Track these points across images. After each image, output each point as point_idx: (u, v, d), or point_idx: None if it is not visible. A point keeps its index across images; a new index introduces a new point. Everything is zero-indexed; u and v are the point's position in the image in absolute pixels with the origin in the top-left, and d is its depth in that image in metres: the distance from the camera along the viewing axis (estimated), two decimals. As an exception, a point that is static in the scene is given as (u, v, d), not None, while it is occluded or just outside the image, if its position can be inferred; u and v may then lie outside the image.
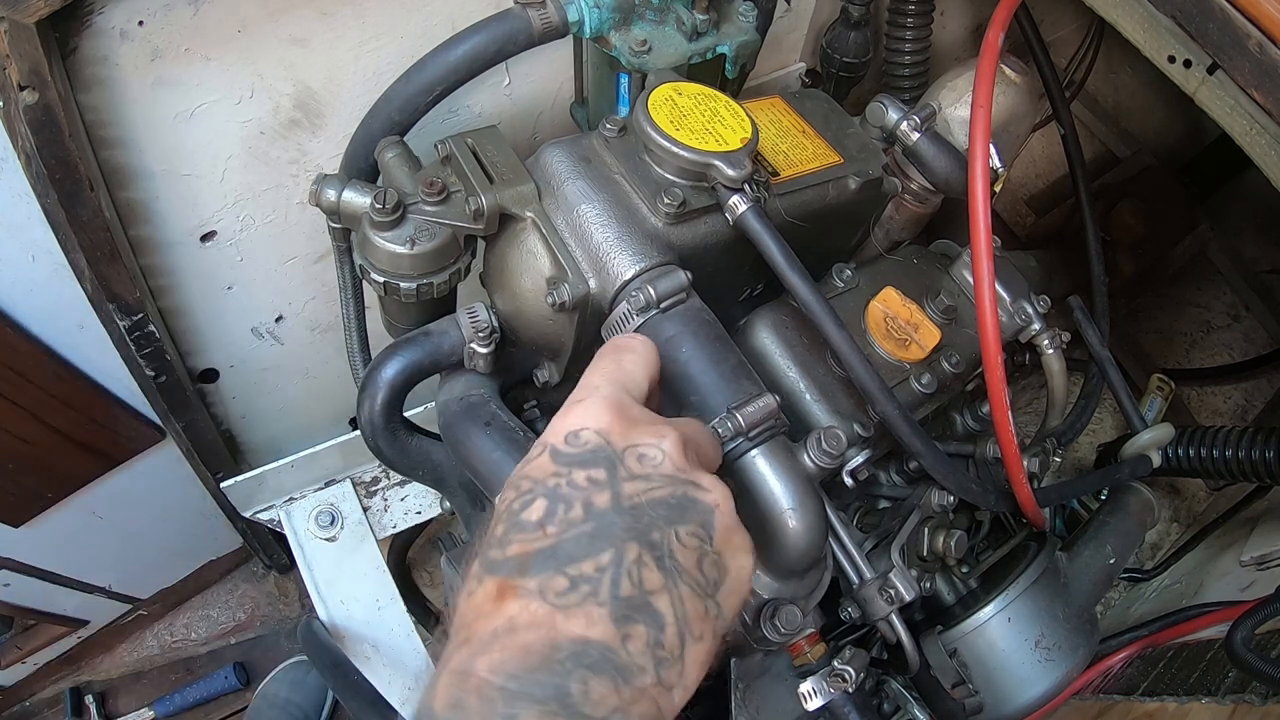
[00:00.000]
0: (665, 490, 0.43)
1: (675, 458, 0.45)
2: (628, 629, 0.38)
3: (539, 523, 0.40)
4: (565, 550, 0.39)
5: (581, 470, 0.42)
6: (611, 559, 0.39)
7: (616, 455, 0.43)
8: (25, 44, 0.72)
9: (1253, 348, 2.09)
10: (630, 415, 0.46)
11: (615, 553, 0.39)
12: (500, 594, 0.38)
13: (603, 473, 0.42)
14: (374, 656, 1.19)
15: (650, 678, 0.38)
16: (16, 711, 1.80)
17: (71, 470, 1.30)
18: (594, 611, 0.37)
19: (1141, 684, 1.19)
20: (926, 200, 1.02)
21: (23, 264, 0.95)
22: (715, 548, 0.43)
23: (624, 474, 0.42)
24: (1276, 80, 0.78)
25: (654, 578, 0.39)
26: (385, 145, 0.83)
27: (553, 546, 0.39)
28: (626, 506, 0.41)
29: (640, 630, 0.38)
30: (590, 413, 0.45)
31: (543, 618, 0.37)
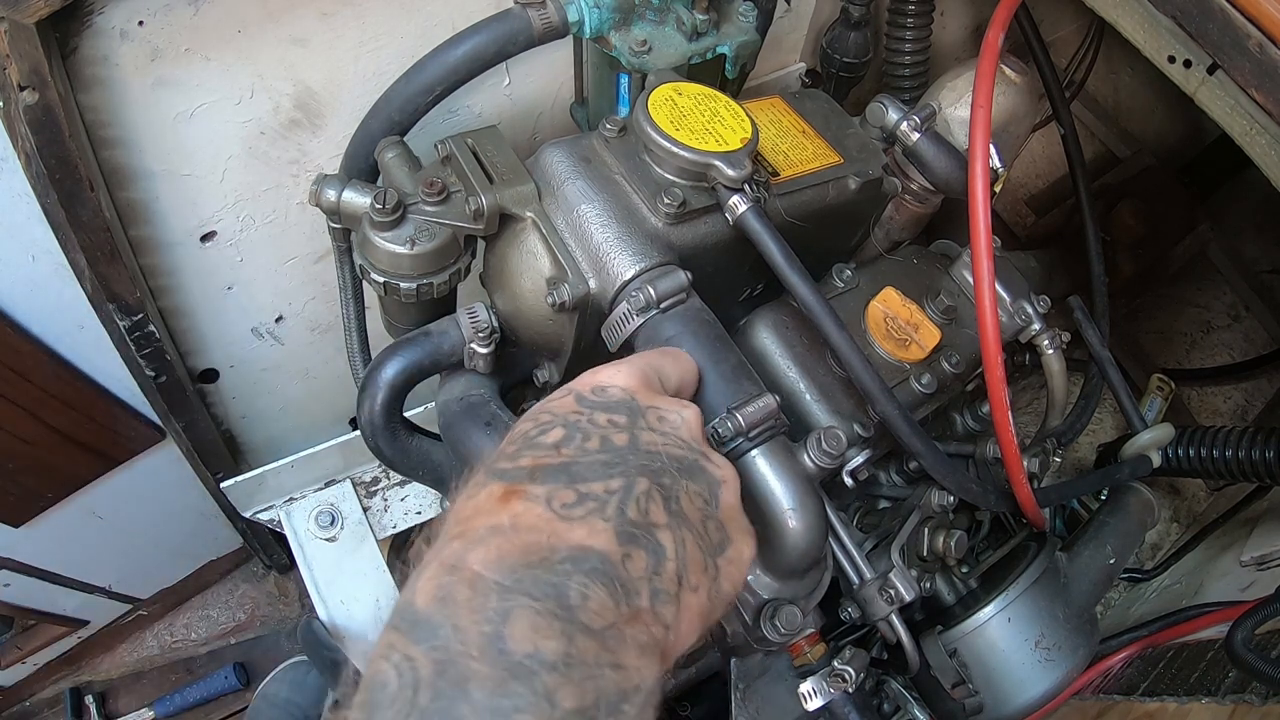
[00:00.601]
0: (679, 450, 0.44)
1: (694, 429, 0.46)
2: (629, 548, 0.37)
3: (554, 444, 0.40)
4: (577, 470, 0.39)
5: (604, 413, 0.43)
6: (622, 485, 0.39)
7: (639, 408, 0.44)
8: (25, 44, 0.72)
9: (1253, 348, 2.09)
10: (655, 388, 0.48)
11: (626, 481, 0.39)
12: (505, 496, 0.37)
13: (623, 418, 0.43)
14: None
15: (646, 602, 0.36)
16: (16, 711, 1.80)
17: (71, 470, 1.30)
18: (598, 524, 0.36)
19: (1141, 684, 1.19)
20: (926, 200, 1.02)
21: (23, 264, 0.95)
22: (719, 516, 0.44)
23: (643, 425, 0.43)
24: (1276, 80, 0.78)
25: (659, 513, 0.39)
26: (385, 145, 0.83)
27: (565, 464, 0.39)
28: (643, 448, 0.42)
29: (640, 555, 0.37)
30: (619, 373, 0.47)
31: (545, 522, 0.36)
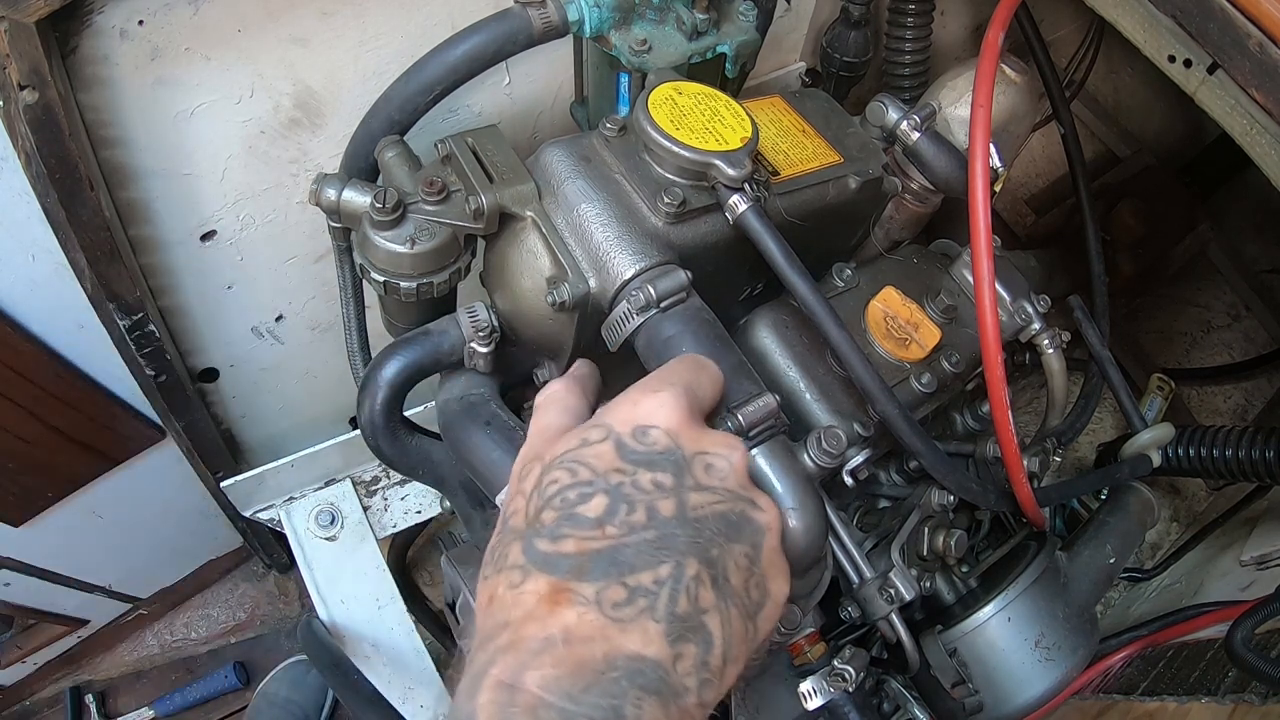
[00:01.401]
0: (727, 505, 0.42)
1: (740, 472, 0.44)
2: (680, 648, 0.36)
3: (598, 520, 0.39)
4: (625, 557, 0.37)
5: (648, 473, 0.41)
6: (671, 573, 0.38)
7: (685, 461, 0.42)
8: (25, 43, 0.72)
9: (1253, 348, 2.09)
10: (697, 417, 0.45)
11: (675, 566, 0.38)
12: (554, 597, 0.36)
13: (670, 478, 0.41)
14: (374, 656, 1.19)
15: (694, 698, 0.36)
16: (16, 711, 1.81)
17: (71, 470, 1.30)
18: (650, 628, 0.36)
19: (1141, 684, 1.19)
20: (926, 200, 1.02)
21: (23, 263, 0.95)
22: (761, 569, 0.43)
23: (690, 483, 0.41)
24: (1276, 80, 0.78)
25: (708, 596, 0.38)
26: (385, 145, 0.83)
27: (613, 549, 0.38)
28: (690, 518, 0.40)
29: (691, 650, 0.37)
30: (664, 409, 0.44)
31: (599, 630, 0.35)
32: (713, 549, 0.39)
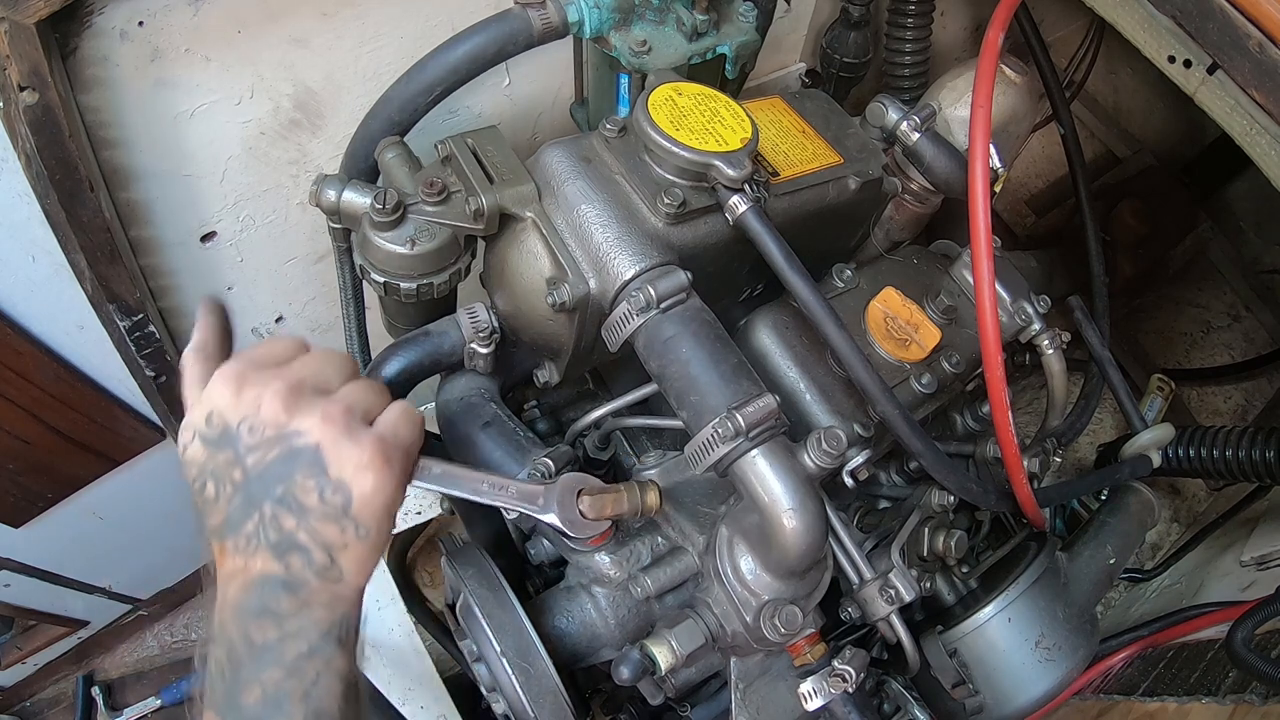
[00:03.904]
0: (274, 451, 0.55)
1: (274, 417, 0.56)
2: (287, 559, 0.54)
3: (214, 499, 0.56)
4: (234, 520, 0.55)
5: (219, 453, 0.56)
6: (257, 520, 0.55)
7: (234, 433, 0.56)
8: (25, 44, 0.72)
9: (1253, 348, 2.09)
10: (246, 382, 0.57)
11: (259, 514, 0.55)
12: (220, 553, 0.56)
13: (230, 453, 0.56)
14: (374, 656, 1.19)
15: (314, 583, 0.55)
16: (17, 711, 1.81)
17: (72, 471, 1.30)
18: (264, 554, 0.54)
19: (1141, 684, 1.19)
20: (926, 200, 1.02)
21: (23, 264, 0.95)
22: (332, 479, 0.56)
23: (243, 449, 0.55)
24: (1276, 80, 0.78)
25: (289, 521, 0.55)
26: (385, 145, 0.83)
27: (227, 517, 0.55)
28: (254, 476, 0.55)
29: (295, 559, 0.55)
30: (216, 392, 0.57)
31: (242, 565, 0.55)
32: (277, 488, 0.55)
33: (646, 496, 0.72)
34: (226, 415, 0.56)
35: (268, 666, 0.52)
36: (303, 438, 0.56)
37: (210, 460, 0.56)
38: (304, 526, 0.55)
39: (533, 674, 0.72)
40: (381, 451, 0.58)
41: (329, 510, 0.56)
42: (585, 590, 0.80)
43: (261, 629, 0.53)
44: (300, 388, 0.58)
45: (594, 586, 0.80)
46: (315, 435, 0.56)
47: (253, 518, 0.55)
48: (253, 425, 0.56)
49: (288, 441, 0.56)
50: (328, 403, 0.58)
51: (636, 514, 0.72)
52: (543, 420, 1.00)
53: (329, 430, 0.56)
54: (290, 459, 0.55)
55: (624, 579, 0.78)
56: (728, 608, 0.74)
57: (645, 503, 0.72)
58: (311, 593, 0.55)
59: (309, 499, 0.55)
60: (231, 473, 0.56)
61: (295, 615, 0.54)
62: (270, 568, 0.54)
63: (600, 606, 0.79)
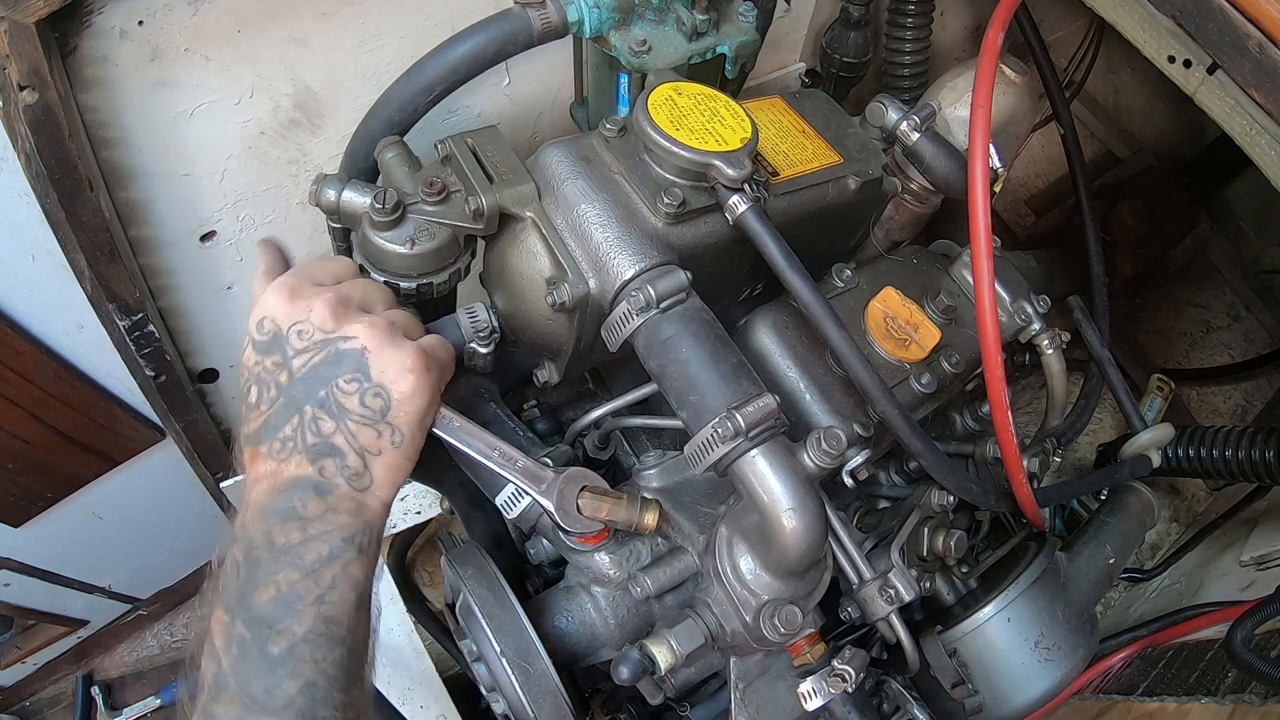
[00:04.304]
0: (321, 354, 0.59)
1: (323, 323, 0.59)
2: (321, 463, 0.57)
3: (255, 404, 0.59)
4: (274, 422, 0.58)
5: (267, 357, 0.59)
6: (298, 422, 0.58)
7: (283, 336, 0.59)
8: (25, 44, 0.72)
9: (1253, 348, 2.08)
10: (299, 293, 0.60)
11: (299, 417, 0.58)
12: (253, 457, 0.59)
13: (278, 356, 0.59)
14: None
15: (345, 489, 0.58)
16: (17, 711, 1.81)
17: (71, 470, 1.30)
18: (297, 459, 0.57)
19: (1141, 684, 1.19)
20: (926, 200, 1.02)
21: (23, 264, 0.95)
22: (374, 382, 0.59)
23: (291, 351, 0.59)
24: (1276, 80, 0.78)
25: (328, 424, 0.58)
26: (385, 145, 0.83)
27: (266, 420, 0.58)
28: (299, 378, 0.58)
29: (329, 462, 0.57)
30: (269, 300, 0.60)
31: (273, 469, 0.58)
32: (320, 390, 0.58)
33: (645, 514, 0.72)
34: (279, 320, 0.60)
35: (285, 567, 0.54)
36: (349, 342, 0.59)
37: (259, 364, 0.59)
38: (342, 429, 0.58)
39: (532, 674, 0.72)
40: (422, 358, 0.61)
41: (368, 413, 0.58)
42: (585, 590, 0.80)
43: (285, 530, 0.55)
44: (348, 300, 0.61)
45: (594, 586, 0.80)
46: (362, 339, 0.59)
47: (292, 421, 0.57)
48: (302, 330, 0.59)
49: (334, 345, 0.59)
50: (373, 315, 0.62)
51: (631, 527, 0.73)
52: (542, 420, 1.00)
53: (374, 336, 0.60)
54: (336, 361, 0.58)
55: (624, 579, 0.78)
56: (727, 607, 0.74)
57: (642, 520, 0.72)
58: (340, 498, 0.57)
59: (350, 401, 0.58)
60: (278, 376, 0.58)
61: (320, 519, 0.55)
62: (303, 471, 0.57)
63: (600, 606, 0.79)
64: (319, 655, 0.53)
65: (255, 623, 0.53)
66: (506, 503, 0.80)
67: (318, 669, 0.53)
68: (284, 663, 0.52)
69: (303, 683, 0.52)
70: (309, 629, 0.53)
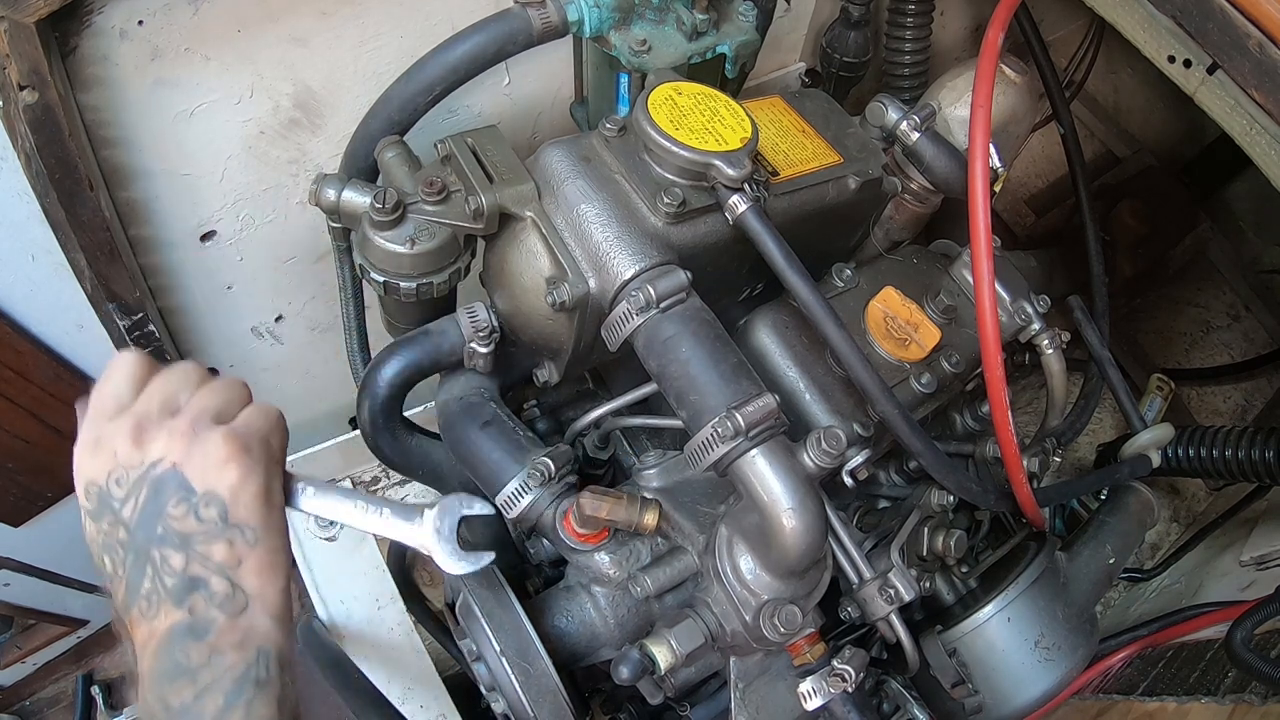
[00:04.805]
0: (142, 493, 0.54)
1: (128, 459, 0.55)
2: (190, 601, 0.52)
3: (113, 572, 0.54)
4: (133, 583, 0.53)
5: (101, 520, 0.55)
6: (151, 571, 0.53)
7: (107, 494, 0.54)
8: (25, 44, 0.72)
9: (1253, 348, 2.08)
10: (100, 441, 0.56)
11: (150, 567, 0.53)
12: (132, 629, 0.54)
13: (110, 515, 0.54)
14: (374, 656, 1.19)
15: (221, 620, 0.52)
16: (17, 710, 1.81)
17: (71, 470, 1.30)
18: (164, 607, 0.52)
19: (1141, 684, 1.19)
20: (926, 200, 1.02)
21: (23, 263, 0.95)
22: (200, 492, 0.54)
23: (117, 504, 0.54)
24: (1276, 80, 0.78)
25: (177, 559, 0.53)
26: (385, 145, 0.83)
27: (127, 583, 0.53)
28: (134, 527, 0.54)
29: (196, 598, 0.52)
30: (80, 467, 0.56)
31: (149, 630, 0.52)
32: (156, 527, 0.53)
33: (645, 514, 0.72)
34: (95, 478, 0.55)
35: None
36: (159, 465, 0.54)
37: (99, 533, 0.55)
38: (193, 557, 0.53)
39: (532, 673, 0.72)
40: (235, 442, 0.55)
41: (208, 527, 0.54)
42: (585, 590, 0.80)
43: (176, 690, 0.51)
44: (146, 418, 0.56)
45: (593, 586, 0.80)
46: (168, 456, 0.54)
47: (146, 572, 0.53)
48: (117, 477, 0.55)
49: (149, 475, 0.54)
50: (173, 421, 0.56)
51: (631, 527, 0.72)
52: (542, 420, 1.00)
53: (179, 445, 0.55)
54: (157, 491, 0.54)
55: (623, 578, 0.78)
56: (727, 607, 0.74)
57: (642, 520, 0.72)
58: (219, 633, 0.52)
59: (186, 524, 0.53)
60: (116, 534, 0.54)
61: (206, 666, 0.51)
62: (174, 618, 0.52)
63: (600, 606, 0.79)
64: None
65: None
66: (506, 503, 0.80)
67: None
68: None
69: None
70: None
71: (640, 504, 0.73)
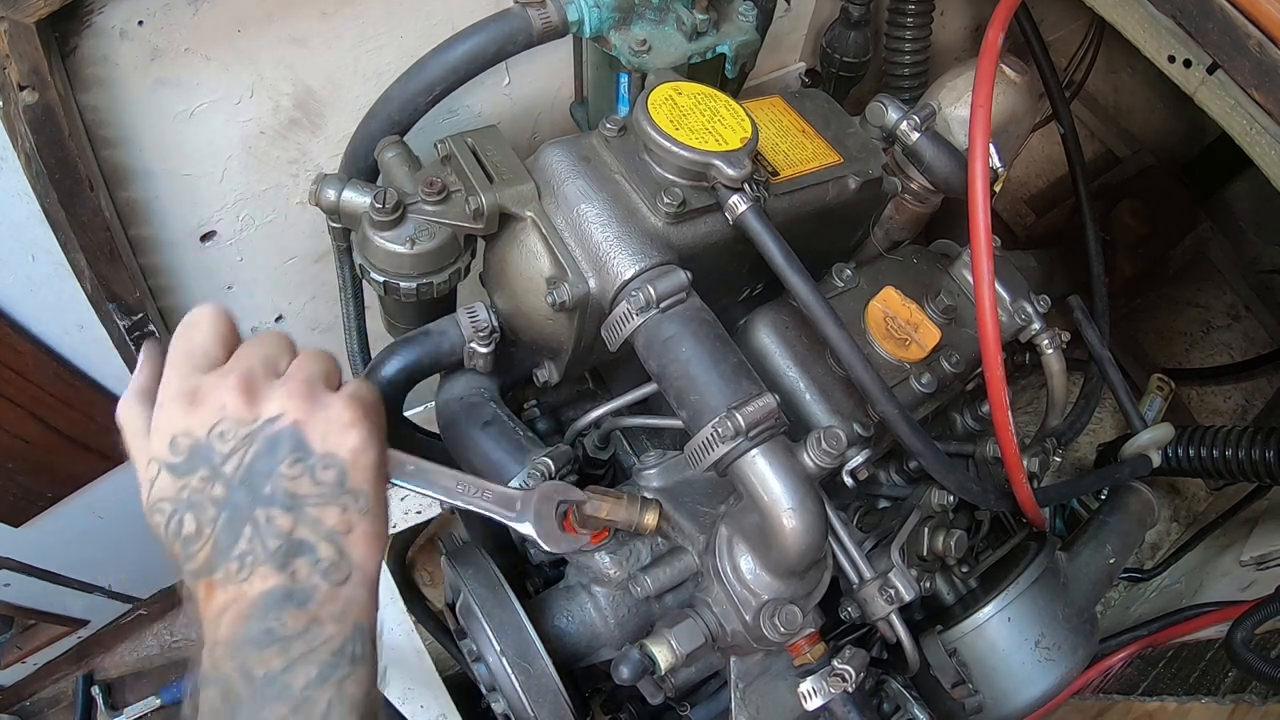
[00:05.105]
0: (251, 449, 0.51)
1: (239, 415, 0.52)
2: (292, 566, 0.50)
3: (198, 532, 0.51)
4: (222, 544, 0.50)
5: (193, 476, 0.51)
6: (250, 532, 0.50)
7: (206, 447, 0.51)
8: (25, 44, 0.72)
9: (1253, 348, 2.08)
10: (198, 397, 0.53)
11: (250, 527, 0.50)
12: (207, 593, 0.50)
13: (206, 468, 0.51)
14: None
15: (324, 588, 0.50)
16: (17, 711, 1.81)
17: (71, 470, 1.30)
18: (262, 570, 0.49)
19: (1141, 684, 1.19)
20: (926, 200, 1.02)
21: (23, 263, 0.95)
22: (318, 454, 0.52)
23: (218, 459, 0.51)
24: (1276, 80, 0.78)
25: (285, 520, 0.50)
26: (385, 145, 0.83)
27: (215, 543, 0.50)
28: (236, 485, 0.51)
29: (300, 563, 0.50)
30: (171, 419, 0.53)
31: (235, 594, 0.49)
32: (265, 486, 0.51)
33: (645, 514, 0.72)
34: (192, 431, 0.52)
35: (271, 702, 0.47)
36: (277, 422, 0.52)
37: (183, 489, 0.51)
38: (303, 520, 0.51)
39: (533, 674, 0.72)
40: (358, 407, 0.54)
41: (324, 491, 0.52)
42: (585, 590, 0.80)
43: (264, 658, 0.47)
44: (252, 375, 0.54)
45: (594, 586, 0.80)
46: (288, 414, 0.52)
47: (243, 533, 0.50)
48: (223, 430, 0.52)
49: (263, 432, 0.52)
50: (287, 380, 0.54)
51: (631, 527, 0.72)
52: (543, 420, 1.00)
53: (300, 405, 0.53)
54: (272, 448, 0.51)
55: (624, 578, 0.78)
56: (727, 607, 0.74)
57: (642, 520, 0.72)
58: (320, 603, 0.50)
59: (301, 486, 0.51)
60: (211, 491, 0.51)
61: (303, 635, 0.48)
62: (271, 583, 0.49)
63: (600, 606, 0.79)
64: None
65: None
66: (506, 502, 0.80)
67: None
68: None
69: None
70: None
71: (640, 504, 0.73)
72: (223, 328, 0.57)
